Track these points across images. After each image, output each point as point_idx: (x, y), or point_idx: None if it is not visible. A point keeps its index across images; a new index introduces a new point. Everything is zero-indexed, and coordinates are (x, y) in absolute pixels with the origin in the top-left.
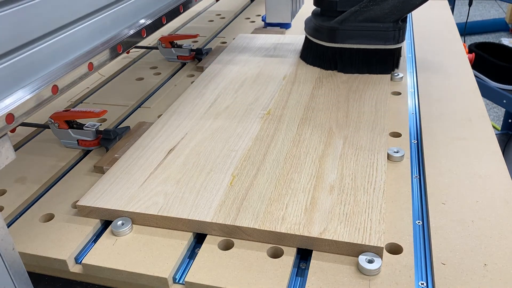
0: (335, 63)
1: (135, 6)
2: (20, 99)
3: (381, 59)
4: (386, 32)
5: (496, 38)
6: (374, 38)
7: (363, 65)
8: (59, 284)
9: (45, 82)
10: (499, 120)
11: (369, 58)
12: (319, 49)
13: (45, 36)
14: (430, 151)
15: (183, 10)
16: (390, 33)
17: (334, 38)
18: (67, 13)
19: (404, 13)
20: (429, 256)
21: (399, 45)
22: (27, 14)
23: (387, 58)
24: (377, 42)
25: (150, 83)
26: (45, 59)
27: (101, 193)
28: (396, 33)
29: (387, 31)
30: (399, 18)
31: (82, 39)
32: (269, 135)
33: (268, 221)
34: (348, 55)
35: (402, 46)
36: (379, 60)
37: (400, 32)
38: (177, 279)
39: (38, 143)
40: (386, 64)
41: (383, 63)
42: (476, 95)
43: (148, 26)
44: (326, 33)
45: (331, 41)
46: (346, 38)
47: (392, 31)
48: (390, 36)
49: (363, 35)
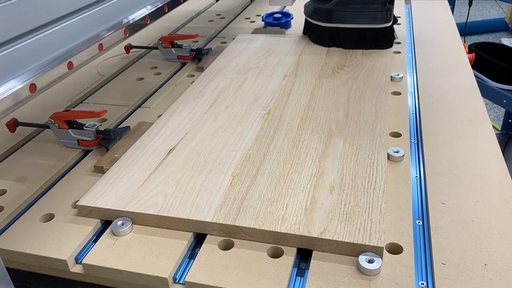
0: (333, 40)
1: (117, 6)
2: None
3: (373, 37)
4: (375, 13)
5: (496, 38)
6: (365, 18)
7: (358, 42)
8: (59, 284)
9: (22, 81)
10: (499, 120)
11: (362, 36)
12: (317, 29)
13: (24, 34)
14: (430, 151)
15: (168, 10)
16: (379, 13)
17: (330, 19)
18: (46, 12)
19: None
20: (429, 256)
21: (387, 24)
22: (5, 12)
23: (378, 36)
24: (368, 21)
25: (150, 83)
26: (23, 58)
27: (101, 193)
28: (384, 13)
29: (376, 11)
30: (387, 0)
31: (62, 38)
32: (269, 135)
33: (268, 221)
34: (343, 33)
35: (394, 27)
36: (372, 37)
37: (387, 12)
38: (177, 279)
39: (38, 143)
40: (379, 41)
41: (375, 40)
42: (476, 95)
43: (131, 26)
44: (323, 15)
45: (328, 22)
46: (340, 19)
47: (380, 11)
48: (379, 16)
49: (355, 16)
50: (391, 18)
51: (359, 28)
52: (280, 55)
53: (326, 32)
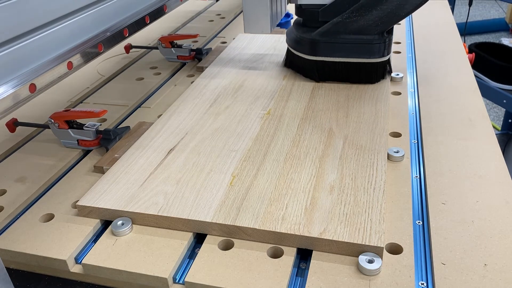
0: (318, 75)
1: (116, 6)
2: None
3: (365, 73)
4: (371, 45)
5: (496, 38)
6: (357, 51)
7: (346, 79)
8: (59, 284)
9: (22, 81)
10: (499, 120)
11: (352, 71)
12: (301, 60)
13: (24, 34)
14: (430, 151)
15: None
16: (375, 46)
17: (316, 51)
18: (46, 12)
19: (389, 25)
20: (429, 256)
21: (384, 58)
22: (5, 12)
23: (371, 72)
24: (361, 55)
25: (150, 83)
26: (23, 58)
27: (101, 193)
28: (381, 45)
29: (372, 44)
30: (385, 30)
31: (61, 38)
32: (269, 135)
33: (268, 221)
34: (331, 68)
35: (390, 58)
36: (364, 73)
37: (385, 44)
38: (177, 279)
39: (38, 143)
40: (371, 78)
41: (368, 77)
42: (476, 95)
43: (130, 25)
44: (307, 46)
45: (312, 54)
46: (328, 51)
47: (377, 43)
48: (375, 49)
49: (346, 48)
50: (389, 51)
51: (350, 62)
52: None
53: (311, 65)
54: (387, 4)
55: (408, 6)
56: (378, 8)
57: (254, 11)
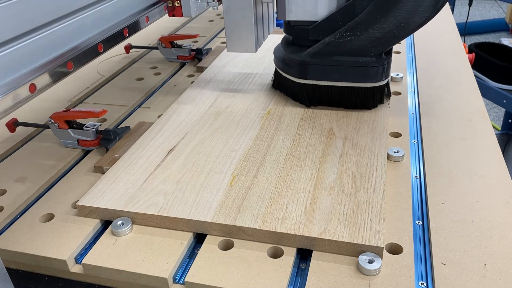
0: (309, 99)
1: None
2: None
3: (361, 99)
4: (367, 68)
5: (496, 38)
6: (352, 75)
7: (340, 104)
8: (59, 284)
9: (22, 81)
10: (499, 120)
11: (347, 97)
12: (289, 83)
13: (24, 34)
14: (430, 151)
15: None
16: (372, 69)
17: (305, 74)
18: (46, 12)
19: (388, 46)
20: (429, 256)
21: (382, 82)
22: (5, 12)
23: (368, 98)
24: (356, 79)
25: (150, 83)
26: (23, 58)
27: (101, 193)
28: (379, 69)
29: (368, 67)
30: (383, 51)
31: (61, 39)
32: (269, 135)
33: (268, 221)
34: (323, 92)
35: (389, 81)
36: (359, 99)
37: (383, 68)
38: (177, 279)
39: (38, 143)
40: (368, 104)
41: (364, 103)
42: (476, 95)
43: (130, 26)
44: (296, 68)
45: (302, 77)
46: (319, 74)
47: (375, 66)
48: (372, 73)
49: (339, 71)
50: (388, 74)
51: (344, 87)
52: None
53: (300, 89)
54: (386, 22)
55: (410, 25)
56: (376, 27)
57: (236, 27)
